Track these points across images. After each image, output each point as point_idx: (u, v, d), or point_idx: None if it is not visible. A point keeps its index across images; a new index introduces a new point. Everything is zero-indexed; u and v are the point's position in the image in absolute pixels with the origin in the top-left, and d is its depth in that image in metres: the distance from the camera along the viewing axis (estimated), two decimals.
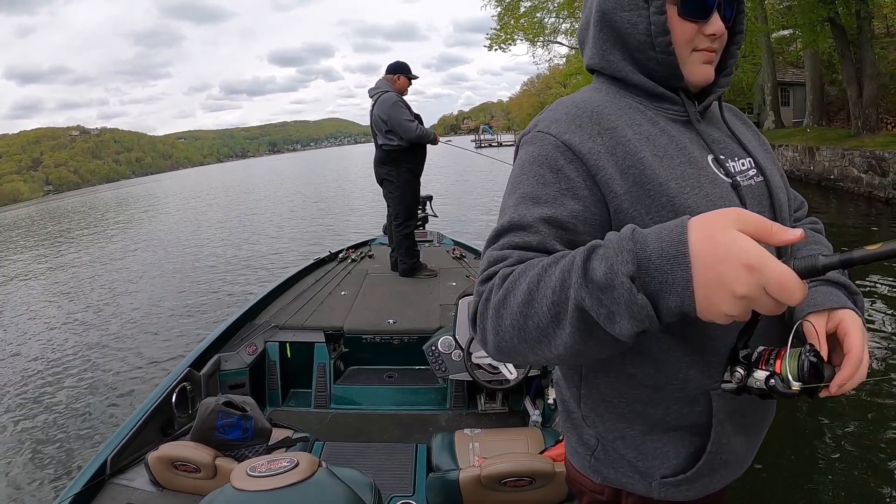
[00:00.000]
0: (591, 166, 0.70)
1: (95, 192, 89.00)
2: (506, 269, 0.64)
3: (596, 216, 0.70)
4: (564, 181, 0.70)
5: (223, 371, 2.57)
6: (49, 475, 3.14)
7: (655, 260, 0.52)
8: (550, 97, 75.32)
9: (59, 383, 4.61)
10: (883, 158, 9.26)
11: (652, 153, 0.71)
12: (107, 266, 10.47)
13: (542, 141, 0.73)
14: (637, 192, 0.69)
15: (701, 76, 0.76)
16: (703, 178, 0.72)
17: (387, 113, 3.54)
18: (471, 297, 2.54)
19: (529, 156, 0.73)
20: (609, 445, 0.80)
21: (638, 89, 0.78)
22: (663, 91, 0.77)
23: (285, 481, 1.04)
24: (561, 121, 0.73)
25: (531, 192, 0.70)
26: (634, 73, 0.77)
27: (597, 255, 0.55)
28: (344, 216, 13.81)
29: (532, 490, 1.57)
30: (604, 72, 0.81)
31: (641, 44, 0.74)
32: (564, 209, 0.68)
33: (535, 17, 19.39)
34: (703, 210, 0.65)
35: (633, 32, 0.74)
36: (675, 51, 0.73)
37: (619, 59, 0.78)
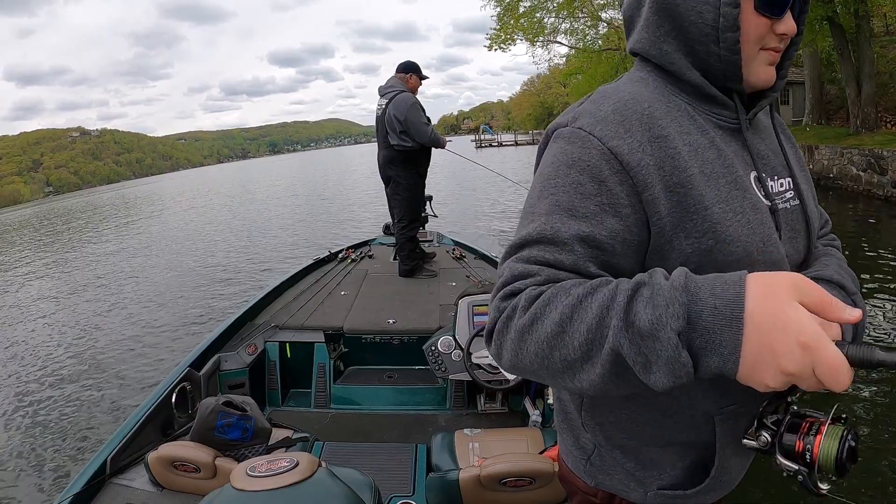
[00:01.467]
0: (637, 182, 0.62)
1: (96, 193, 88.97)
2: (533, 290, 0.59)
3: (635, 236, 0.63)
4: (607, 195, 0.62)
5: (223, 371, 2.57)
6: (49, 475, 3.14)
7: (707, 317, 0.49)
8: (550, 97, 75.42)
9: (59, 383, 4.61)
10: (882, 157, 9.27)
11: (700, 170, 0.64)
12: (106, 266, 10.47)
13: (585, 142, 0.64)
14: (679, 213, 0.63)
15: (764, 78, 0.69)
16: (745, 202, 0.66)
17: (404, 114, 3.48)
18: (470, 296, 2.54)
19: (567, 157, 0.65)
20: (607, 453, 0.78)
21: (689, 87, 0.70)
22: (716, 93, 0.69)
23: (285, 481, 1.03)
24: (608, 120, 0.64)
25: (567, 201, 0.63)
26: (689, 68, 0.69)
27: (641, 298, 0.52)
28: (344, 216, 13.81)
29: (532, 490, 1.56)
30: (653, 60, 0.72)
31: (705, 36, 0.66)
32: (603, 228, 0.62)
33: (535, 17, 19.34)
34: (742, 239, 0.64)
35: (697, 22, 0.66)
36: (741, 49, 0.66)
37: (673, 49, 0.69)
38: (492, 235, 9.07)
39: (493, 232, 9.47)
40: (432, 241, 4.63)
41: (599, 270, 0.62)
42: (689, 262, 0.63)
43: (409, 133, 3.52)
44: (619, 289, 0.54)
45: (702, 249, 0.63)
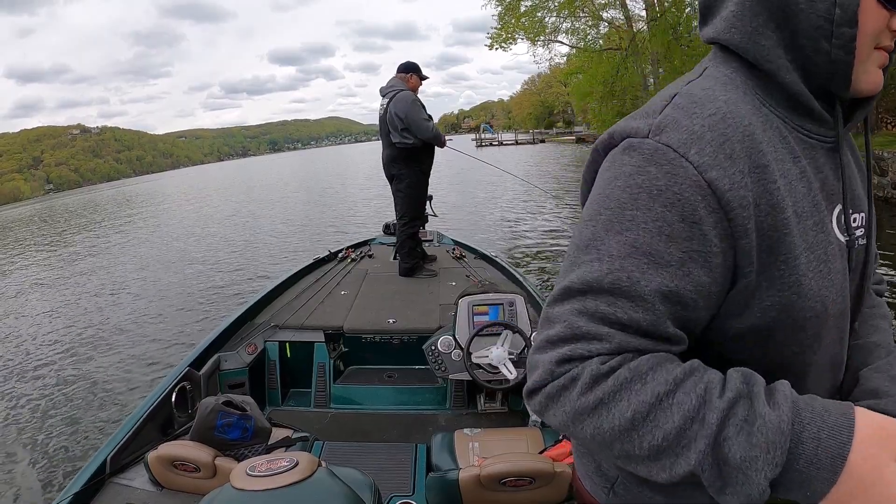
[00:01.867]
0: (736, 226, 0.52)
1: (96, 190, 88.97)
2: (599, 366, 0.51)
3: (719, 287, 0.54)
4: (699, 241, 0.51)
5: (223, 370, 2.57)
6: (49, 474, 3.15)
7: (802, 464, 0.45)
8: (551, 96, 75.47)
9: (59, 383, 4.61)
10: (882, 158, 9.27)
11: (793, 210, 0.54)
12: (105, 265, 10.47)
13: (676, 167, 0.51)
14: (768, 261, 0.54)
15: (874, 82, 0.58)
16: (829, 248, 0.57)
17: (404, 111, 3.52)
18: (470, 296, 2.54)
19: (650, 182, 0.52)
20: (633, 486, 0.69)
21: (782, 94, 0.58)
22: (815, 106, 0.58)
23: (285, 481, 1.03)
24: (706, 140, 0.52)
25: (649, 244, 0.51)
26: (789, 70, 0.57)
27: (736, 420, 0.46)
28: (344, 215, 13.81)
29: (532, 490, 1.56)
30: (743, 55, 0.59)
31: (815, 30, 0.55)
32: (690, 281, 0.52)
33: (536, 16, 19.33)
34: (822, 293, 0.56)
35: (807, 13, 0.54)
36: (856, 47, 0.55)
37: (773, 44, 0.57)
38: (492, 235, 9.07)
39: (493, 232, 9.48)
40: (432, 241, 4.63)
41: (676, 330, 0.54)
42: (767, 315, 0.55)
43: (411, 130, 3.56)
44: (710, 399, 0.47)
45: (783, 304, 0.55)
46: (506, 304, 2.50)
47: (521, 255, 7.62)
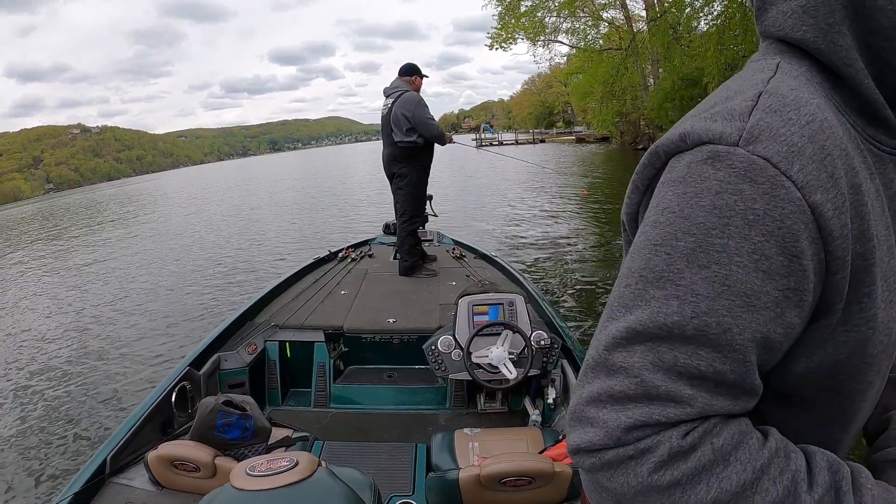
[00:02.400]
0: (834, 259, 0.44)
1: (96, 190, 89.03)
2: (679, 442, 0.43)
3: (803, 329, 0.47)
4: (797, 278, 0.43)
5: (223, 370, 2.57)
6: (48, 474, 3.15)
7: None
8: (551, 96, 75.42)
9: (58, 382, 4.61)
10: None
11: (876, 235, 0.47)
12: (105, 265, 10.47)
13: (776, 188, 0.42)
14: (853, 295, 0.46)
15: None
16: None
17: (411, 111, 3.61)
18: (470, 296, 2.54)
19: (746, 204, 0.42)
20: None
21: (854, 100, 0.50)
22: (889, 115, 0.50)
23: (285, 481, 1.04)
24: (807, 154, 0.43)
25: (744, 283, 0.42)
26: (867, 75, 0.49)
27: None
28: (344, 215, 13.81)
29: (532, 490, 1.57)
30: (817, 56, 0.50)
31: (893, 31, 0.47)
32: (781, 324, 0.44)
33: (536, 16, 19.37)
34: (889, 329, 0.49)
35: (887, 10, 0.47)
36: None
37: (849, 44, 0.49)
38: (492, 235, 9.08)
39: (493, 232, 9.48)
40: (432, 241, 4.63)
41: (759, 381, 0.47)
42: (839, 351, 0.48)
43: (417, 129, 3.64)
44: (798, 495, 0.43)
45: (859, 340, 0.48)
46: (506, 303, 2.50)
47: (521, 255, 7.62)
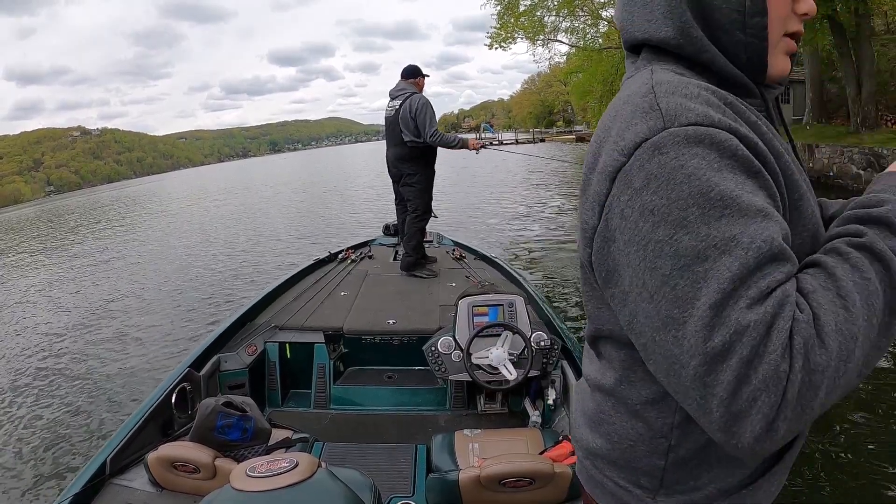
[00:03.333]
0: (770, 170, 0.55)
1: (96, 192, 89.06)
2: (799, 315, 0.48)
3: None
4: (767, 188, 0.53)
5: (223, 371, 2.57)
6: (48, 475, 3.15)
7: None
8: (551, 95, 75.36)
9: (59, 383, 4.61)
10: (882, 155, 9.26)
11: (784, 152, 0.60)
12: (106, 266, 10.47)
13: (715, 137, 0.51)
14: (791, 199, 0.58)
15: (783, 68, 0.64)
16: (809, 187, 0.63)
17: (414, 111, 3.67)
18: (470, 297, 2.54)
19: (707, 160, 0.50)
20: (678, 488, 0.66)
21: (722, 79, 0.62)
22: (747, 82, 0.63)
23: (285, 482, 1.04)
24: (713, 109, 0.54)
25: (749, 204, 0.50)
26: (721, 56, 0.62)
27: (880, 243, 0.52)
28: (344, 216, 13.81)
29: (532, 490, 1.57)
30: (678, 51, 0.63)
31: (731, 22, 0.60)
32: (783, 222, 0.53)
33: (535, 15, 19.33)
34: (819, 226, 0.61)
35: (722, 7, 0.60)
36: (767, 35, 0.60)
37: (702, 36, 0.61)
38: (492, 236, 9.07)
39: (493, 232, 9.47)
40: (432, 242, 4.63)
41: None
42: (803, 248, 0.59)
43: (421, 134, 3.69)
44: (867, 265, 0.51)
45: (807, 238, 0.59)
46: (506, 304, 2.50)
47: (521, 256, 7.62)
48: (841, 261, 0.52)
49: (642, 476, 0.68)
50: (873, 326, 0.49)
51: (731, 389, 0.47)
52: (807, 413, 0.47)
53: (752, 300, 0.47)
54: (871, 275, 0.50)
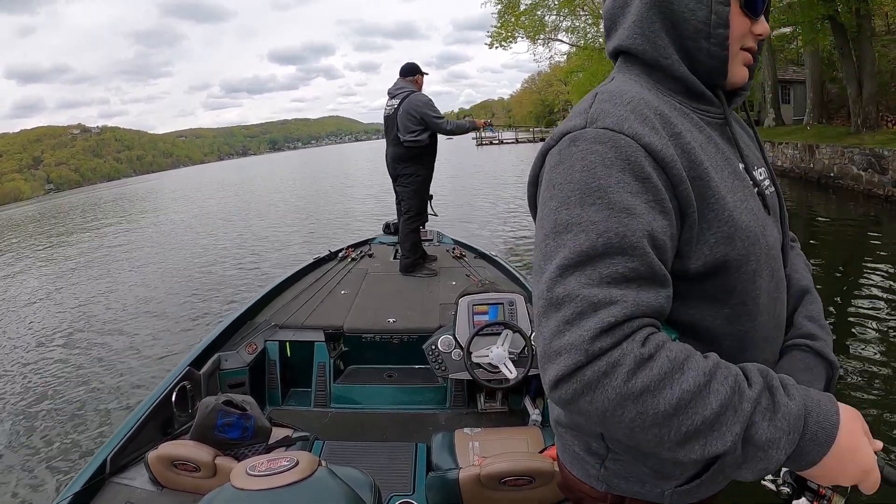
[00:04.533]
0: (672, 176, 0.63)
1: (96, 190, 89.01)
2: (640, 350, 0.56)
3: (677, 232, 0.64)
4: (652, 192, 0.61)
5: (223, 370, 2.57)
6: (49, 474, 3.14)
7: (806, 441, 0.56)
8: (551, 94, 75.36)
9: (59, 382, 4.61)
10: (883, 156, 9.24)
11: (709, 163, 0.68)
12: (105, 265, 10.47)
13: (617, 141, 0.62)
14: (702, 205, 0.65)
15: (741, 76, 0.74)
16: (746, 191, 0.71)
17: (419, 112, 3.64)
18: (470, 296, 2.54)
19: (602, 157, 0.61)
20: (622, 457, 0.77)
21: (677, 84, 0.73)
22: (703, 90, 0.73)
23: (285, 480, 1.04)
24: (631, 119, 0.64)
25: (621, 201, 0.60)
26: (680, 64, 0.72)
27: (760, 410, 0.56)
28: (344, 215, 13.80)
29: (532, 489, 1.57)
30: (643, 56, 0.73)
31: (696, 32, 0.70)
32: (658, 225, 0.61)
33: (536, 14, 19.31)
34: (751, 226, 0.68)
35: (690, 19, 0.69)
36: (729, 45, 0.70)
37: (666, 45, 0.72)
38: (492, 235, 9.07)
39: (493, 231, 9.47)
40: (432, 241, 4.63)
41: (665, 271, 0.62)
42: (716, 251, 0.66)
43: (429, 129, 3.68)
44: (742, 391, 0.56)
45: (724, 237, 0.66)
46: (506, 303, 2.50)
47: (522, 255, 7.61)
48: (714, 369, 0.57)
49: (592, 442, 0.79)
50: (669, 417, 0.55)
51: (549, 336, 0.58)
52: (586, 403, 0.56)
53: (590, 278, 0.58)
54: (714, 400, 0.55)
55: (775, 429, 0.55)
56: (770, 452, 0.55)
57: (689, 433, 0.55)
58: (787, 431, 0.55)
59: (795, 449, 0.56)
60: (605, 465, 0.78)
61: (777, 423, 0.55)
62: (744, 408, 0.55)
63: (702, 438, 0.55)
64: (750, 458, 0.56)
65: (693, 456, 0.56)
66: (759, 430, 0.55)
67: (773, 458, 0.55)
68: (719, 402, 0.55)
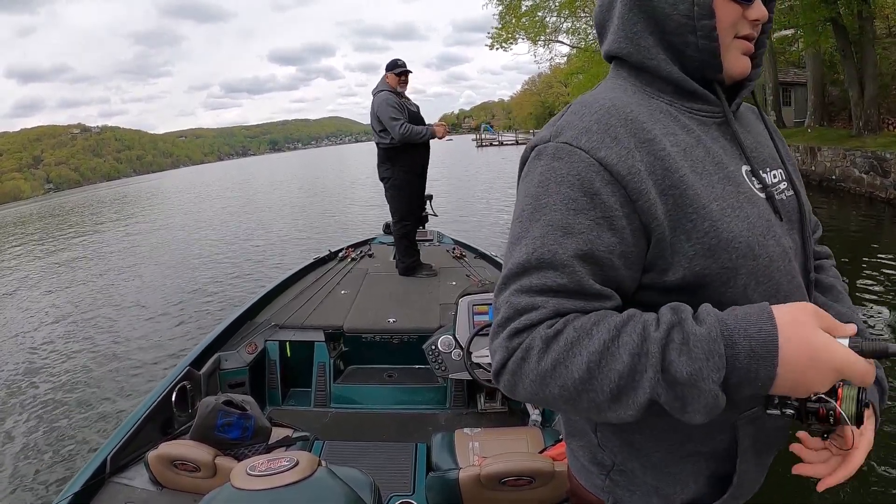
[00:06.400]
0: (630, 190, 0.60)
1: (96, 189, 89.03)
2: (546, 331, 0.58)
3: (632, 248, 0.62)
4: (600, 208, 0.60)
5: (223, 370, 2.57)
6: (49, 474, 3.14)
7: (743, 360, 0.52)
8: (551, 96, 75.42)
9: (59, 382, 4.61)
10: (884, 159, 9.24)
11: (691, 169, 0.63)
12: (106, 264, 10.47)
13: (571, 156, 0.62)
14: (678, 215, 0.62)
15: (740, 67, 0.69)
16: (741, 196, 0.66)
17: (376, 111, 3.60)
18: (470, 296, 2.54)
19: (555, 174, 0.62)
20: (626, 468, 0.75)
21: (666, 85, 0.69)
22: (696, 88, 0.69)
23: (285, 480, 1.04)
24: (592, 131, 0.63)
25: (560, 220, 0.61)
26: (668, 63, 0.68)
27: (674, 345, 0.53)
28: (344, 215, 13.81)
29: (532, 489, 1.56)
30: (629, 59, 0.71)
31: (681, 27, 0.66)
32: (601, 243, 0.60)
33: (537, 16, 19.33)
34: (743, 235, 0.63)
35: (671, 14, 0.66)
36: (718, 36, 0.66)
37: (651, 44, 0.68)
38: (492, 235, 9.07)
39: (493, 231, 9.47)
40: (432, 241, 4.63)
41: (602, 287, 0.61)
42: (694, 263, 0.62)
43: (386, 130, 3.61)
44: (649, 334, 0.54)
45: (705, 250, 0.62)
46: None
47: None
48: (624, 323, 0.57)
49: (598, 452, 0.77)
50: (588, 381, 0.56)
51: (492, 332, 0.63)
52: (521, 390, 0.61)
53: (521, 287, 0.61)
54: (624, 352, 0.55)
55: (692, 359, 0.52)
56: (700, 385, 0.52)
57: (614, 391, 0.54)
58: (705, 358, 0.52)
59: (736, 371, 0.52)
60: (610, 477, 0.76)
61: (692, 353, 0.52)
62: (651, 350, 0.53)
63: (628, 393, 0.54)
64: (686, 398, 0.53)
65: (631, 411, 0.55)
66: (677, 366, 0.52)
67: (706, 391, 0.52)
68: (629, 352, 0.54)
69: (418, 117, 3.72)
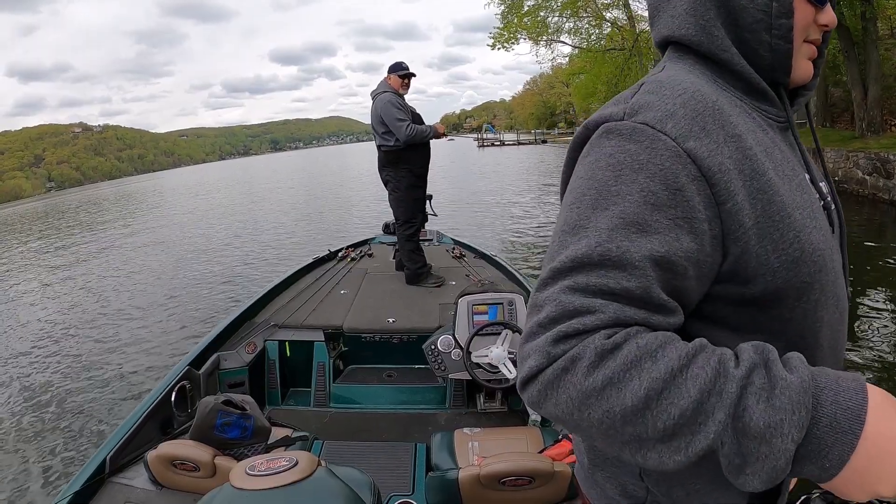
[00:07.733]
0: (719, 191, 0.53)
1: (97, 188, 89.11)
2: (604, 342, 0.48)
3: (708, 257, 0.54)
4: (682, 207, 0.52)
5: (222, 370, 2.57)
6: (48, 474, 3.15)
7: (822, 427, 0.44)
8: (553, 96, 75.40)
9: (59, 382, 4.61)
10: (888, 160, 9.22)
11: (775, 172, 0.57)
12: (106, 264, 10.48)
13: (655, 142, 0.53)
14: (765, 224, 0.54)
15: (805, 73, 0.65)
16: (815, 205, 0.60)
17: (379, 112, 3.54)
18: (470, 295, 2.53)
19: (632, 158, 0.54)
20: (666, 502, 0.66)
21: (738, 80, 0.63)
22: (767, 88, 0.63)
23: (284, 480, 1.03)
24: (678, 116, 0.55)
25: (636, 213, 0.52)
26: (740, 58, 0.62)
27: (754, 390, 0.45)
28: (344, 214, 13.81)
29: (531, 489, 1.56)
30: (699, 47, 0.63)
31: (757, 23, 0.60)
32: (679, 247, 0.52)
33: (539, 16, 19.32)
34: (821, 247, 0.58)
35: (749, 8, 0.60)
36: (793, 37, 0.61)
37: (723, 35, 0.62)
38: (492, 235, 9.07)
39: (493, 231, 9.47)
40: (432, 241, 4.63)
41: (669, 299, 0.53)
42: (778, 277, 0.55)
43: (390, 132, 3.55)
44: (727, 371, 0.46)
45: (789, 262, 0.55)
46: (505, 303, 2.50)
47: (521, 255, 7.61)
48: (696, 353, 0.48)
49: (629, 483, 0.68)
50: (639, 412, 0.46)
51: (530, 332, 0.53)
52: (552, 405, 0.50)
53: (576, 285, 0.51)
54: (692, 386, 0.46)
55: (773, 409, 0.43)
56: (774, 442, 0.43)
57: (668, 430, 0.45)
58: (791, 410, 0.43)
59: (811, 442, 0.44)
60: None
61: (775, 401, 0.44)
62: (728, 389, 0.45)
63: (685, 436, 0.45)
64: (750, 454, 0.44)
65: (679, 457, 0.46)
66: (754, 414, 0.44)
67: (778, 450, 0.43)
68: (698, 389, 0.45)
69: (419, 119, 3.71)
